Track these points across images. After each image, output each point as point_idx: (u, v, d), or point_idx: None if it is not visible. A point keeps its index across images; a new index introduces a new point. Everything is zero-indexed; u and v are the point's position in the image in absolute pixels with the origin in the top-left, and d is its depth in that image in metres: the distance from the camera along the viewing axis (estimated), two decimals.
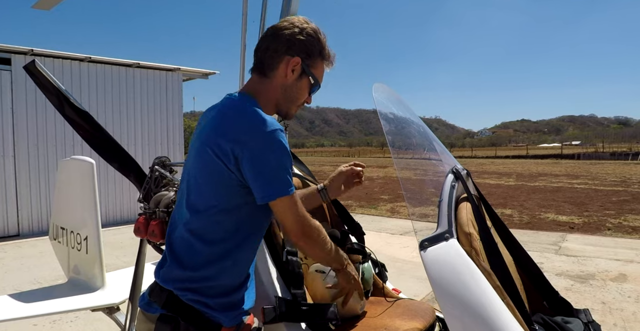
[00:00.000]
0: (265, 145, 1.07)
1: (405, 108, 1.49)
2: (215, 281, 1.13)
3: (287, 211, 1.11)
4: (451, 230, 1.05)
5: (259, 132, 1.07)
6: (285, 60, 1.19)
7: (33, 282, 4.50)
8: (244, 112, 1.11)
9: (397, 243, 6.39)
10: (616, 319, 3.48)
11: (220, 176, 1.10)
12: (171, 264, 1.15)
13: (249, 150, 1.06)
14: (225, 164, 1.09)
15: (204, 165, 1.12)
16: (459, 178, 1.21)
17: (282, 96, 1.23)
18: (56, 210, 2.91)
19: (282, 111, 1.27)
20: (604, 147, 64.17)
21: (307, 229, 1.14)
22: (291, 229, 1.13)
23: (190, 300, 1.11)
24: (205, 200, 1.12)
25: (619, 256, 5.47)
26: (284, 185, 1.09)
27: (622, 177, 17.82)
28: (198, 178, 1.14)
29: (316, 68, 1.24)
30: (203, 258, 1.12)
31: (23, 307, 2.22)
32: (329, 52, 1.25)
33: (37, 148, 7.39)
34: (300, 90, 1.24)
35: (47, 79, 1.93)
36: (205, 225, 1.12)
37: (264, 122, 1.08)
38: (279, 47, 1.19)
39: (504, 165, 28.76)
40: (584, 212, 8.98)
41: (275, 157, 1.07)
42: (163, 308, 1.11)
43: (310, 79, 1.23)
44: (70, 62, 7.73)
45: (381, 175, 20.85)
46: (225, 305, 1.14)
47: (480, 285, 0.96)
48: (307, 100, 1.29)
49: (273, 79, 1.22)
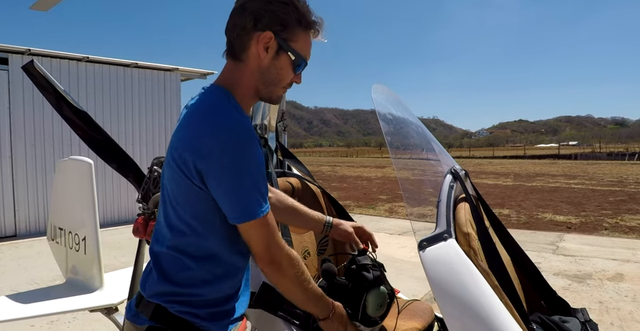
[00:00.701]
0: (231, 158, 0.90)
1: (404, 109, 1.49)
2: (205, 296, 1.04)
3: (255, 235, 0.97)
4: (450, 230, 1.05)
5: (222, 143, 0.90)
6: (255, 38, 0.99)
7: (30, 283, 4.48)
8: (208, 116, 0.95)
9: (396, 243, 6.40)
10: (613, 318, 3.50)
11: (191, 192, 0.97)
12: (158, 279, 1.04)
13: (212, 165, 0.91)
14: (191, 180, 0.95)
15: (174, 180, 0.99)
16: (457, 179, 1.21)
17: (261, 81, 1.03)
18: (54, 211, 2.91)
19: (265, 97, 1.08)
20: (601, 147, 64.47)
21: (277, 257, 0.99)
22: (256, 252, 0.99)
23: (179, 311, 1.03)
24: (182, 217, 1.00)
25: (616, 256, 5.49)
26: (253, 206, 0.94)
27: (619, 177, 17.90)
28: (171, 193, 1.02)
29: (297, 41, 1.02)
30: (192, 274, 1.02)
31: (20, 308, 2.21)
32: (312, 19, 1.03)
33: (34, 149, 7.36)
34: (281, 70, 1.03)
35: (45, 79, 1.92)
36: (188, 243, 1.01)
37: (230, 129, 0.91)
38: (246, 23, 0.99)
39: (502, 165, 28.84)
40: (581, 212, 9.02)
41: (243, 173, 0.91)
42: (151, 320, 1.03)
43: (289, 54, 1.01)
44: (68, 61, 7.69)
45: (379, 175, 20.87)
46: (215, 315, 1.06)
47: (478, 285, 0.97)
48: (294, 79, 1.07)
49: (247, 62, 1.02)
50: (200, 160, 0.92)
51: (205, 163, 0.92)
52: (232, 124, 0.92)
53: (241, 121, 0.95)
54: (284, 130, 2.08)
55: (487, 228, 1.17)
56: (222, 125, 0.92)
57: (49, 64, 7.40)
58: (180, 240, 1.02)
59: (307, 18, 1.02)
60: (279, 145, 2.02)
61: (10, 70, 6.98)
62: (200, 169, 0.93)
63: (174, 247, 1.03)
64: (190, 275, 1.03)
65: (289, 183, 1.85)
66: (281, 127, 2.05)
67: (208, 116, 0.95)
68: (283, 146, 2.05)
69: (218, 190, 0.94)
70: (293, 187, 1.85)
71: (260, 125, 1.87)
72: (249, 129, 0.94)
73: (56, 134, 7.51)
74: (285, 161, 2.04)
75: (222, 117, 0.93)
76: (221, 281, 1.06)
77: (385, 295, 1.18)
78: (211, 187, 0.94)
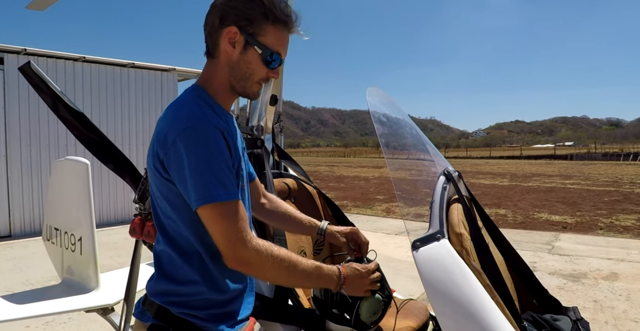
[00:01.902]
0: (188, 147, 0.92)
1: (398, 111, 1.50)
2: (204, 295, 1.04)
3: (214, 226, 0.94)
4: (442, 231, 1.06)
5: (180, 133, 0.93)
6: (223, 34, 1.02)
7: (25, 283, 4.47)
8: (172, 111, 0.99)
9: (392, 243, 6.41)
10: (607, 317, 3.52)
11: (165, 187, 1.00)
12: (158, 278, 1.08)
13: (171, 154, 0.94)
14: (161, 174, 0.99)
15: (153, 178, 1.03)
16: (450, 180, 1.23)
17: (232, 76, 1.05)
18: (50, 211, 2.90)
19: (240, 92, 1.09)
20: (596, 147, 64.89)
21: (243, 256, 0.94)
22: (220, 249, 0.95)
23: (180, 312, 1.04)
24: (165, 214, 1.03)
25: (610, 255, 5.53)
26: (209, 190, 0.92)
27: (614, 177, 18.01)
28: (155, 193, 1.05)
29: (265, 34, 1.02)
30: (185, 272, 1.03)
31: (15, 308, 2.20)
32: (280, 13, 1.02)
33: (29, 149, 7.32)
34: (250, 65, 1.04)
35: (42, 80, 1.92)
36: (176, 240, 1.03)
37: (187, 118, 0.95)
38: (214, 20, 1.02)
39: (498, 166, 28.95)
40: (577, 212, 9.07)
41: (200, 160, 0.92)
42: (154, 318, 1.06)
43: (256, 49, 1.02)
44: (64, 61, 7.67)
45: (376, 175, 20.90)
46: (217, 316, 1.06)
47: (470, 284, 0.98)
48: (270, 74, 1.07)
49: (219, 59, 1.05)
50: (163, 151, 0.96)
51: (165, 153, 0.96)
52: (190, 115, 0.96)
53: (199, 112, 0.97)
54: (280, 131, 2.09)
55: (479, 229, 1.18)
56: (181, 117, 0.96)
57: (45, 63, 7.37)
58: (168, 237, 1.04)
59: (275, 12, 1.01)
60: (275, 146, 2.02)
61: (6, 69, 6.95)
62: (162, 159, 0.97)
63: (167, 245, 1.05)
64: (186, 272, 1.03)
65: (285, 184, 1.85)
66: (278, 128, 2.05)
67: (172, 112, 1.00)
68: (279, 147, 2.06)
69: (178, 178, 0.95)
70: (289, 188, 1.85)
71: (257, 127, 1.88)
72: (206, 119, 0.96)
73: (52, 134, 7.49)
74: (281, 162, 2.05)
75: (182, 111, 0.98)
76: (218, 279, 1.05)
77: (379, 302, 1.17)
78: (173, 177, 0.96)
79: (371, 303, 1.15)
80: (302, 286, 1.15)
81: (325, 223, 1.36)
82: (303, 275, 1.02)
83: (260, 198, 1.36)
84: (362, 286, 1.11)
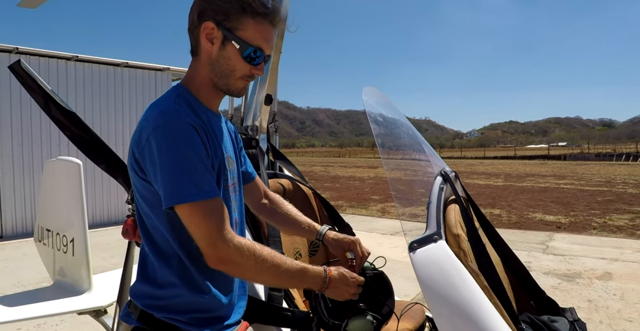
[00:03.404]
0: (159, 141, 0.90)
1: (394, 111, 1.50)
2: (183, 298, 1.01)
3: (192, 225, 0.92)
4: (440, 232, 1.05)
5: (153, 130, 0.91)
6: (201, 30, 1.00)
7: (16, 285, 4.41)
8: (150, 109, 0.98)
9: (388, 243, 6.42)
10: (602, 316, 3.54)
11: (145, 188, 0.98)
12: (138, 279, 1.06)
13: (145, 152, 0.93)
14: (137, 174, 0.98)
15: (133, 178, 1.01)
16: (447, 181, 1.22)
17: (213, 73, 1.02)
18: (41, 212, 2.86)
19: (223, 90, 1.06)
20: (589, 148, 65.57)
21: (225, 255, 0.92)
22: (202, 248, 0.93)
23: (163, 317, 1.01)
24: (147, 214, 1.01)
25: (604, 255, 5.57)
26: (181, 189, 0.90)
27: (607, 177, 18.19)
28: (135, 192, 1.03)
29: (244, 29, 0.98)
30: (164, 274, 1.01)
31: (6, 311, 2.17)
32: (258, 5, 0.98)
33: (21, 149, 7.24)
34: (229, 61, 1.00)
35: (32, 79, 1.90)
36: (155, 240, 1.02)
37: (160, 116, 0.93)
38: (194, 16, 1.01)
39: (493, 166, 29.13)
40: (571, 212, 9.14)
41: (173, 157, 0.90)
42: (138, 321, 1.04)
43: (234, 44, 0.98)
44: (57, 61, 7.59)
45: (372, 175, 20.93)
46: (203, 320, 1.03)
47: (468, 286, 0.97)
48: (254, 71, 1.03)
49: (200, 56, 1.03)
50: (138, 150, 0.95)
51: (140, 152, 0.94)
52: (163, 113, 0.94)
53: (172, 110, 0.94)
54: (275, 131, 2.07)
55: (476, 230, 1.17)
56: (154, 115, 0.94)
57: (37, 62, 7.29)
58: (149, 237, 1.02)
59: (253, 5, 0.98)
60: (270, 146, 2.00)
61: None
62: (138, 159, 0.96)
63: (147, 246, 1.03)
64: (164, 274, 1.01)
65: (280, 184, 1.84)
66: (272, 128, 2.04)
67: (148, 110, 0.98)
68: (274, 147, 2.04)
69: (154, 177, 0.93)
70: (284, 188, 1.84)
71: (252, 127, 1.86)
72: (178, 117, 0.93)
73: (44, 134, 7.41)
74: (276, 162, 2.03)
75: (156, 109, 0.96)
76: (198, 281, 1.02)
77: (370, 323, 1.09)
78: (148, 174, 0.95)
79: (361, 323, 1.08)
80: (286, 287, 1.12)
81: (325, 228, 1.31)
82: (287, 275, 1.00)
83: (262, 198, 1.34)
84: (344, 293, 1.07)
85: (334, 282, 1.05)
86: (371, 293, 1.14)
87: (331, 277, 1.05)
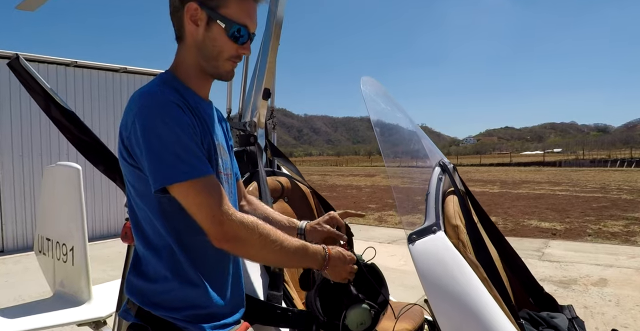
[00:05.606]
0: (144, 121, 0.89)
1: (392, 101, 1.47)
2: (175, 292, 0.99)
3: (191, 205, 0.89)
4: (439, 223, 1.03)
5: (139, 112, 0.90)
6: (185, 12, 0.97)
7: (17, 299, 4.34)
8: (134, 94, 0.96)
9: (385, 251, 6.41)
10: (598, 323, 3.56)
11: (135, 177, 0.96)
12: (130, 273, 1.04)
13: (132, 135, 0.91)
14: (126, 161, 0.96)
15: (123, 168, 1.00)
16: (445, 172, 1.19)
17: (200, 56, 1.00)
18: (41, 221, 2.83)
19: (212, 73, 1.04)
20: (584, 154, 65.95)
21: (229, 229, 0.90)
22: (204, 227, 0.90)
23: (160, 314, 1.00)
24: (139, 206, 0.99)
25: (599, 261, 5.59)
26: (171, 169, 0.87)
27: (602, 183, 18.29)
28: (126, 184, 1.02)
29: (227, 6, 0.97)
30: (154, 267, 0.99)
31: (5, 323, 2.14)
32: None
33: (22, 159, 7.16)
34: (216, 42, 0.98)
35: (32, 78, 1.86)
36: (144, 233, 1.00)
37: (145, 97, 0.92)
38: (175, 0, 0.99)
39: (489, 173, 29.23)
40: (566, 219, 9.17)
41: (158, 135, 0.88)
42: (136, 317, 1.02)
43: (219, 23, 0.97)
44: (56, 66, 7.54)
45: (369, 184, 20.95)
46: (198, 317, 1.00)
47: (467, 277, 0.95)
48: (241, 51, 1.01)
49: (186, 40, 1.01)
50: (126, 135, 0.94)
51: (127, 136, 0.93)
52: (147, 93, 0.93)
53: (156, 89, 0.94)
54: (273, 128, 2.01)
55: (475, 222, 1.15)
56: (137, 97, 0.94)
57: (36, 68, 7.28)
58: (140, 230, 1.01)
59: None
60: (268, 143, 1.94)
61: None
62: (126, 145, 0.94)
63: (139, 239, 1.02)
64: (155, 267, 1.00)
65: (278, 182, 1.79)
66: (271, 124, 1.98)
67: (132, 96, 0.97)
68: (273, 144, 1.98)
69: (143, 156, 0.90)
70: (282, 187, 1.79)
71: (250, 122, 1.81)
72: (163, 96, 0.92)
73: (44, 143, 7.34)
74: (274, 160, 1.98)
75: (139, 91, 0.96)
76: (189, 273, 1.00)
77: (367, 311, 1.11)
78: (137, 158, 0.93)
79: (358, 312, 1.10)
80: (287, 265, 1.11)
81: (304, 223, 1.30)
82: (289, 251, 0.99)
83: (241, 200, 1.32)
84: (343, 271, 1.07)
85: (333, 260, 1.05)
86: (366, 282, 1.14)
87: (330, 255, 1.05)
